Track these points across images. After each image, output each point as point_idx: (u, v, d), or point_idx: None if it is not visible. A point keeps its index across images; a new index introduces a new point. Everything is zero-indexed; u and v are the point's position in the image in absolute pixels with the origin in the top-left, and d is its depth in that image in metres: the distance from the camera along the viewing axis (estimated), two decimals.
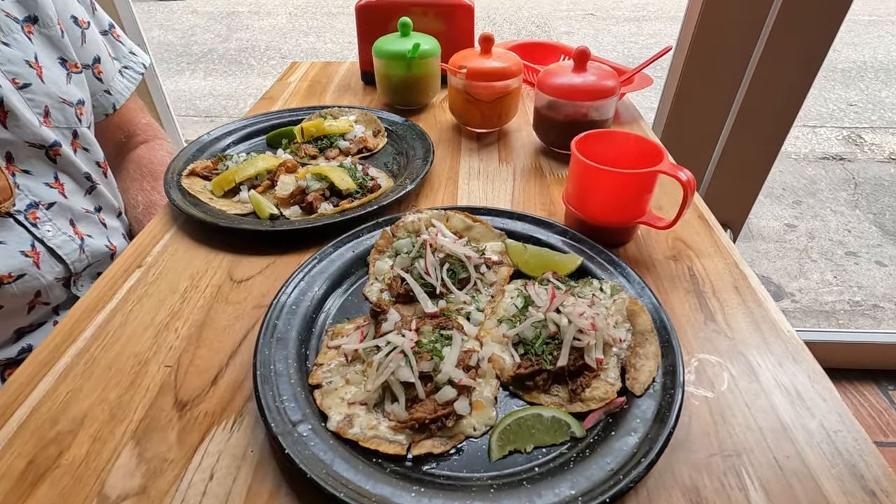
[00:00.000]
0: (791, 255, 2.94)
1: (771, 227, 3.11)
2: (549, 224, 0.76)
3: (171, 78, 5.11)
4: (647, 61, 0.97)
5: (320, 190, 0.84)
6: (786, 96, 1.50)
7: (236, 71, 5.22)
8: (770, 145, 1.61)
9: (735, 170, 1.66)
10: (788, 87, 1.47)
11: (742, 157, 1.63)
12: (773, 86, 1.47)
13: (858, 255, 2.87)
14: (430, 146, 0.96)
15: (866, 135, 4.05)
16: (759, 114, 1.53)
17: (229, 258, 0.76)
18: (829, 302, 2.62)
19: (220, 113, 4.45)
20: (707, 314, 0.66)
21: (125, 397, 0.56)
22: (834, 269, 2.80)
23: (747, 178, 1.69)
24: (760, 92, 1.48)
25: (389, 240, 0.74)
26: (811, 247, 3.00)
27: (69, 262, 0.92)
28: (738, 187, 1.72)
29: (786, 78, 1.45)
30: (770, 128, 1.56)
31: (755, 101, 1.51)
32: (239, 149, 1.03)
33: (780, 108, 1.52)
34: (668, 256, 0.75)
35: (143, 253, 0.77)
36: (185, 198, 0.84)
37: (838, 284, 2.71)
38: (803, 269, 2.85)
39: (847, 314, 2.56)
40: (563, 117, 0.94)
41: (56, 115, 0.91)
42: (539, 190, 0.90)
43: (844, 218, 3.16)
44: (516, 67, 1.00)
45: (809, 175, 3.59)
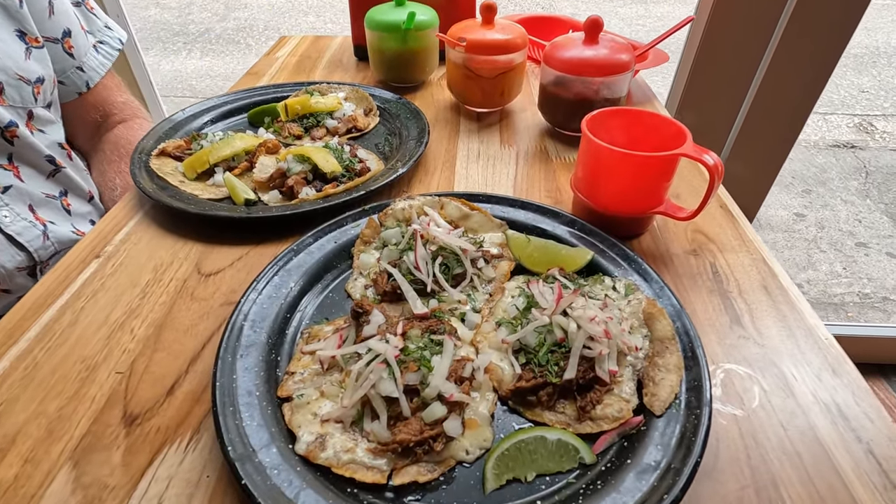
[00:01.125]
0: (799, 246, 2.86)
1: (779, 216, 3.02)
2: (556, 213, 0.68)
3: (167, 58, 4.99)
4: (666, 33, 0.88)
5: (302, 173, 0.76)
6: (806, 79, 1.40)
7: (233, 51, 5.09)
8: (788, 131, 1.52)
9: (750, 156, 1.57)
10: (809, 70, 1.38)
11: (758, 144, 1.54)
12: (793, 68, 1.38)
13: (868, 247, 2.79)
14: (426, 126, 0.88)
15: (878, 122, 3.94)
16: (778, 98, 1.44)
17: (199, 248, 0.68)
18: (838, 294, 2.54)
19: (216, 94, 4.33)
20: (733, 317, 0.58)
21: (67, 409, 0.49)
22: (843, 260, 2.72)
23: (762, 165, 1.61)
24: (780, 74, 1.39)
25: (377, 229, 0.66)
26: (820, 237, 2.91)
27: (32, 250, 0.85)
28: (753, 175, 1.63)
29: (807, 60, 1.36)
30: (788, 113, 1.47)
31: (774, 85, 1.42)
32: (217, 127, 0.94)
33: (799, 92, 1.43)
34: (687, 251, 0.67)
35: (104, 241, 0.69)
36: (152, 180, 0.76)
37: (847, 276, 2.63)
38: (812, 260, 2.77)
39: (856, 307, 2.49)
40: (572, 95, 0.86)
41: (11, 93, 0.83)
42: (544, 175, 0.82)
43: (855, 208, 3.07)
44: (521, 40, 0.91)
45: (819, 163, 3.49)
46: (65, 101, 1.02)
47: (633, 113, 0.68)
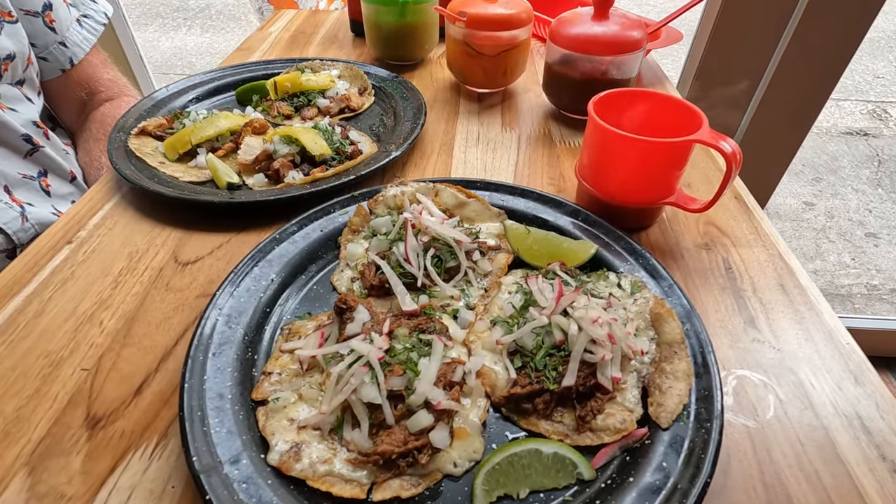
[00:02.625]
0: (808, 235, 2.80)
1: (788, 204, 2.96)
2: (558, 202, 0.63)
3: (166, 34, 4.90)
4: (681, 10, 0.83)
5: (289, 155, 0.71)
6: (823, 65, 1.34)
7: (234, 28, 4.99)
8: (802, 118, 1.46)
9: (762, 144, 1.51)
10: (827, 55, 1.31)
11: (771, 131, 1.48)
12: (810, 53, 1.31)
13: (878, 237, 2.73)
14: (423, 106, 0.83)
15: (893, 109, 3.84)
16: (794, 84, 1.38)
17: (177, 235, 0.64)
18: (846, 285, 2.50)
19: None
20: (747, 318, 0.54)
21: (25, 410, 0.45)
22: (852, 250, 2.67)
23: (775, 153, 1.55)
24: (796, 60, 1.32)
25: (366, 217, 0.62)
26: (829, 227, 2.85)
27: (11, 233, 0.81)
28: (764, 164, 1.57)
29: (825, 44, 1.29)
30: (803, 99, 1.41)
31: (790, 70, 1.35)
32: (203, 105, 0.89)
33: (816, 78, 1.37)
34: (698, 245, 0.63)
35: (77, 226, 0.65)
36: (130, 161, 0.71)
37: (856, 267, 2.58)
38: (820, 249, 2.72)
39: (864, 298, 2.44)
40: (579, 75, 0.80)
41: None
42: (547, 161, 0.77)
43: (866, 197, 3.00)
44: (525, 15, 0.86)
45: (831, 151, 3.41)
46: (48, 78, 0.97)
47: (645, 94, 0.63)
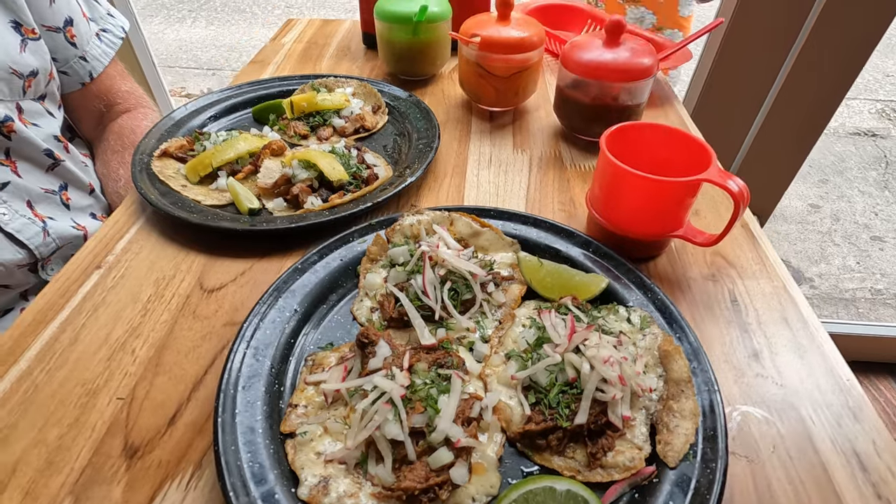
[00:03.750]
0: (813, 238, 2.81)
1: (794, 206, 2.96)
2: (570, 233, 0.65)
3: (171, 26, 4.90)
4: (693, 36, 0.84)
5: (308, 180, 0.73)
6: (834, 73, 1.35)
7: (239, 20, 4.99)
8: (811, 126, 1.47)
9: (770, 152, 1.53)
10: (837, 64, 1.32)
11: (779, 138, 1.49)
12: (820, 61, 1.32)
13: (884, 241, 2.74)
14: (436, 128, 0.85)
15: None
16: (803, 91, 1.39)
17: (201, 260, 0.66)
18: (850, 289, 2.51)
19: (222, 66, 4.27)
20: (751, 352, 0.56)
21: (67, 438, 0.48)
22: (857, 254, 2.68)
23: (782, 161, 1.56)
24: (806, 68, 1.33)
25: (384, 246, 0.64)
26: (835, 230, 2.86)
27: (33, 248, 0.84)
28: (771, 171, 1.59)
29: (836, 53, 1.30)
30: (813, 107, 1.42)
31: (800, 78, 1.36)
32: (221, 123, 0.91)
33: (826, 87, 1.37)
34: (705, 275, 0.65)
35: (105, 250, 0.68)
36: (154, 185, 0.74)
37: (861, 271, 2.59)
38: (825, 253, 2.73)
39: (868, 303, 2.46)
40: (590, 99, 0.82)
41: (2, 87, 0.80)
42: (558, 185, 0.79)
43: (872, 199, 3.00)
44: (538, 38, 0.87)
45: (838, 152, 3.40)
46: (68, 91, 0.99)
47: (655, 128, 0.65)
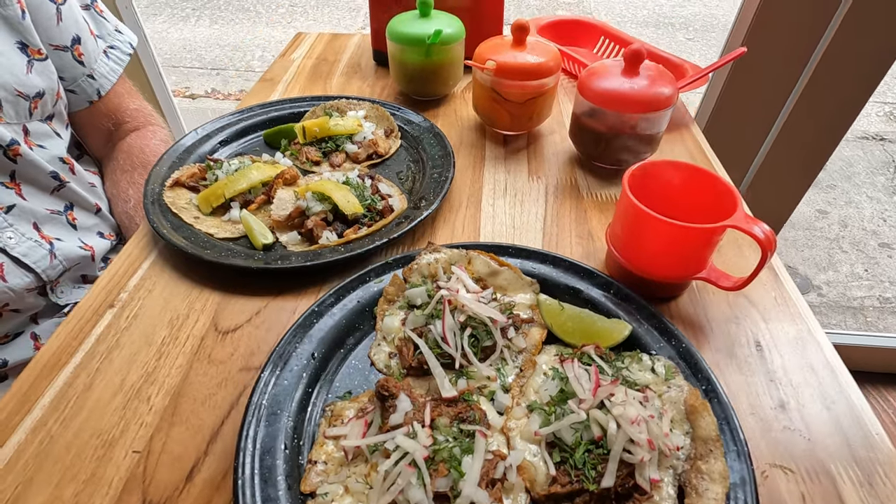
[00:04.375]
0: (820, 245, 2.79)
1: (801, 212, 2.94)
2: (590, 273, 0.64)
3: (175, 25, 4.88)
4: (715, 65, 0.83)
5: (322, 213, 0.72)
6: (853, 84, 1.33)
7: (243, 19, 4.96)
8: (828, 137, 1.45)
9: (784, 163, 1.51)
10: (856, 76, 1.30)
11: (794, 150, 1.47)
12: (838, 75, 1.30)
13: (893, 248, 2.72)
14: (451, 155, 0.83)
15: None
16: (819, 104, 1.37)
17: (215, 298, 0.65)
18: (858, 297, 2.50)
19: (226, 66, 4.26)
20: (777, 402, 0.55)
21: (83, 496, 0.47)
22: (865, 261, 2.66)
23: (795, 175, 1.54)
24: (824, 81, 1.31)
25: (401, 286, 0.63)
26: (843, 236, 2.85)
27: (40, 271, 0.83)
28: (784, 185, 1.57)
29: (855, 66, 1.28)
30: (828, 119, 1.40)
31: (818, 89, 1.34)
32: (232, 147, 0.90)
33: (843, 99, 1.35)
34: (727, 317, 0.63)
35: (118, 286, 0.67)
36: (166, 217, 0.73)
37: (869, 279, 2.58)
38: (833, 260, 2.72)
39: (876, 311, 2.44)
40: (607, 129, 0.80)
41: (8, 109, 0.79)
42: (575, 216, 0.78)
43: (881, 205, 2.98)
44: (554, 63, 0.85)
45: (846, 156, 3.38)
46: (76, 109, 0.98)
47: (679, 167, 0.64)
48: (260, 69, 4.17)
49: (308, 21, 4.88)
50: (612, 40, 1.18)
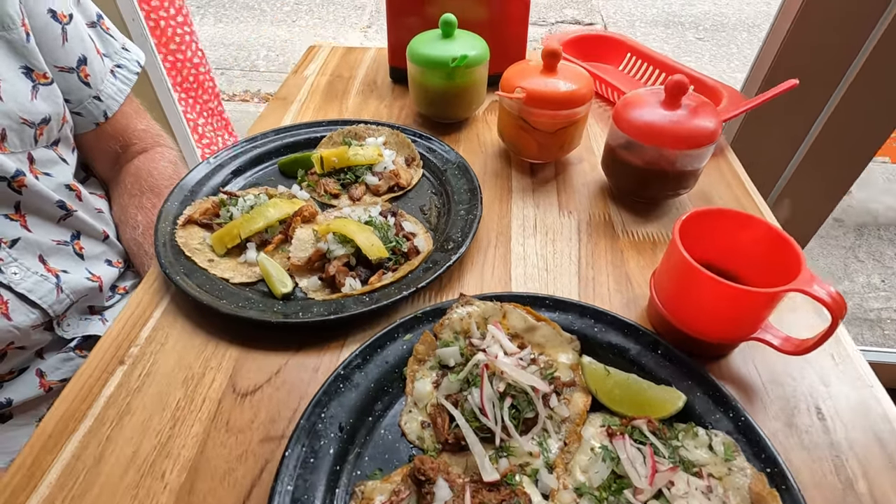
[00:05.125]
0: (836, 254, 2.74)
1: None
2: (635, 329, 0.59)
3: None
4: (763, 98, 0.78)
5: (344, 257, 0.68)
6: (886, 105, 1.27)
7: (248, 17, 4.91)
8: (861, 150, 1.39)
9: (815, 177, 1.45)
10: (889, 99, 1.25)
11: (824, 165, 1.42)
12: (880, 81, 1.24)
13: None
14: (478, 191, 0.79)
15: None
16: (853, 118, 1.31)
17: (232, 353, 0.61)
18: (875, 309, 2.45)
19: (231, 65, 4.21)
20: (845, 481, 0.51)
21: None
22: (882, 271, 2.61)
23: (826, 187, 1.49)
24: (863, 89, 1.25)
25: (432, 344, 0.59)
26: (859, 245, 2.79)
27: (46, 307, 0.79)
28: (813, 199, 1.51)
29: (888, 87, 1.23)
30: (863, 133, 1.34)
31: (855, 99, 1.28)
32: (246, 177, 0.86)
33: (878, 115, 1.30)
34: (783, 379, 0.59)
35: (128, 339, 0.62)
36: (178, 260, 0.68)
37: (886, 290, 2.53)
38: (848, 270, 2.67)
39: (894, 324, 2.39)
40: (644, 163, 0.76)
41: (12, 138, 0.75)
42: (611, 257, 0.74)
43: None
44: (587, 90, 0.81)
45: None
46: (82, 131, 0.94)
47: (733, 216, 0.59)
48: (265, 69, 4.12)
49: (313, 19, 4.83)
50: (639, 58, 1.13)
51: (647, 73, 1.10)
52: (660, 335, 0.59)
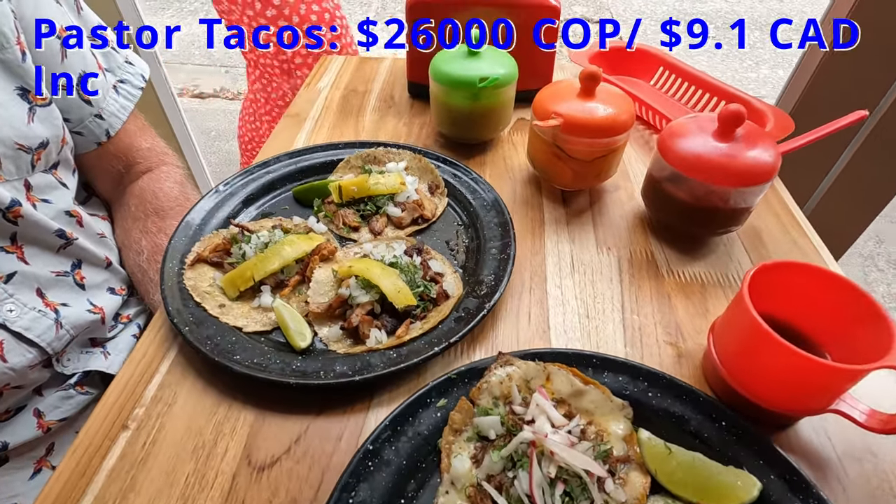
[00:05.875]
0: (855, 262, 2.68)
1: None
2: (695, 396, 0.53)
3: (183, 19, 4.76)
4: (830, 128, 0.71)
5: (368, 304, 0.62)
6: None
7: None
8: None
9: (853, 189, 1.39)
10: None
11: (865, 176, 1.36)
12: None
13: None
14: (510, 226, 0.73)
15: None
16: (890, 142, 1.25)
17: (247, 417, 0.55)
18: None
19: (235, 63, 4.15)
20: None
21: None
22: None
23: (867, 196, 1.43)
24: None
25: (469, 412, 0.53)
26: (878, 253, 2.73)
27: (45, 345, 0.73)
28: (854, 206, 1.45)
29: None
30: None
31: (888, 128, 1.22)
32: (259, 205, 0.80)
33: None
34: (860, 454, 0.53)
35: (133, 398, 0.57)
36: (187, 306, 0.62)
37: None
38: (868, 279, 2.60)
39: None
40: (692, 199, 0.69)
41: (8, 165, 0.69)
42: (658, 303, 0.67)
43: None
44: (628, 117, 0.74)
45: None
46: (83, 151, 0.88)
47: (811, 272, 0.53)
48: None
49: None
50: (672, 72, 1.06)
51: (681, 90, 1.04)
52: (720, 398, 0.53)
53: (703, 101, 0.99)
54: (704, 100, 0.99)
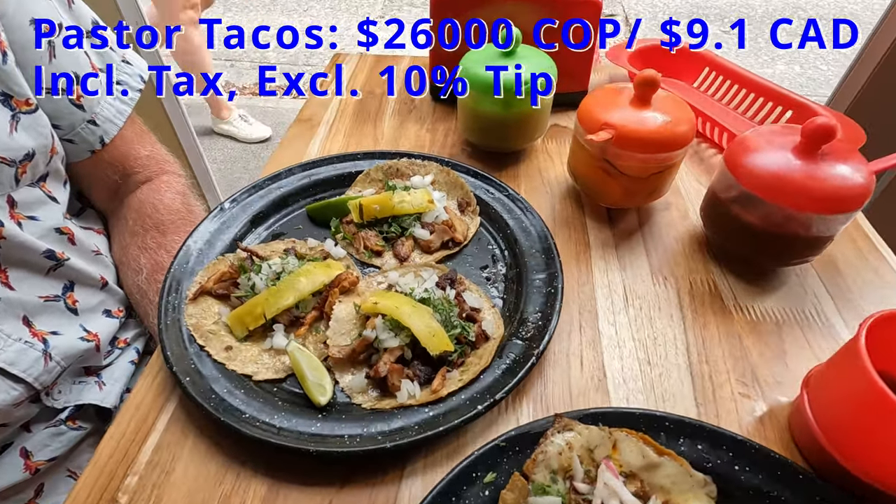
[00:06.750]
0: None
1: None
2: (792, 471, 0.45)
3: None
4: None
5: (398, 350, 0.53)
6: None
7: (258, 6, 4.73)
8: None
9: None
10: None
11: None
12: None
13: None
14: (554, 254, 0.64)
15: None
16: None
17: (258, 488, 0.47)
18: None
19: (240, 56, 4.05)
20: None
21: None
22: None
23: None
24: None
25: (523, 490, 0.44)
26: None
27: (31, 380, 0.65)
28: None
29: None
30: None
31: None
32: (269, 225, 0.71)
33: None
34: None
35: (124, 464, 0.48)
36: (186, 349, 0.54)
37: None
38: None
39: None
40: (764, 224, 0.60)
41: None
42: (727, 345, 0.59)
43: None
44: (688, 129, 0.65)
45: None
46: (75, 160, 0.79)
47: None
48: (275, 61, 3.95)
49: (325, 8, 4.65)
50: (719, 72, 0.97)
51: (728, 93, 0.94)
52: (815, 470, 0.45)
53: (755, 105, 0.90)
54: (757, 105, 0.89)
